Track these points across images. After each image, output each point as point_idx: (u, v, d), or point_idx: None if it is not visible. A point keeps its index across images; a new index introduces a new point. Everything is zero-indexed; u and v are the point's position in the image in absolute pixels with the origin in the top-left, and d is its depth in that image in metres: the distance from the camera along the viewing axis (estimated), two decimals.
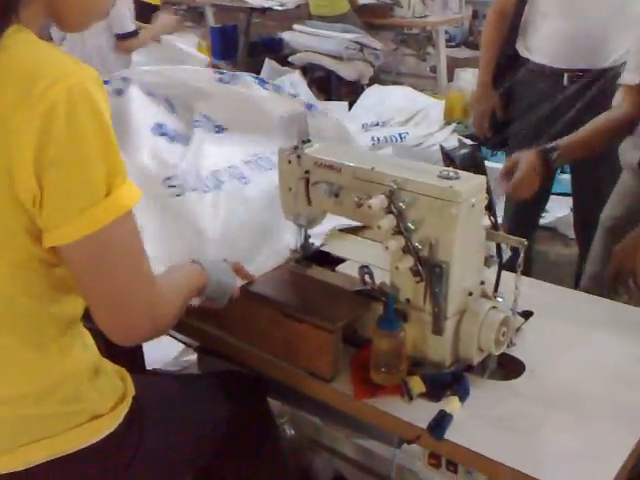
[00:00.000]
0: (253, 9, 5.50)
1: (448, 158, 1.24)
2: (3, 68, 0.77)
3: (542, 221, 2.91)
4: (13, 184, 0.79)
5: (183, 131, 1.51)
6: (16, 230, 0.82)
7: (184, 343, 1.51)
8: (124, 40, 3.01)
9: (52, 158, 0.77)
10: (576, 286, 2.06)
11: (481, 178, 1.11)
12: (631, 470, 0.98)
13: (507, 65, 2.26)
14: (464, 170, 1.13)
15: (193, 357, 1.71)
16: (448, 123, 3.85)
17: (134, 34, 3.04)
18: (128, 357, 1.09)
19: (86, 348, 0.96)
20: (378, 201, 1.07)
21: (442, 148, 1.27)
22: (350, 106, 4.03)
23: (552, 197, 2.49)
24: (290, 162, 1.25)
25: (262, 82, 1.57)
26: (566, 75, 2.09)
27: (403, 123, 3.92)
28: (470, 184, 1.07)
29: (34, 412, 0.90)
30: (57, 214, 0.79)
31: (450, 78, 5.27)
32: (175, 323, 0.96)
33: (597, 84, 2.02)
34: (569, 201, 2.76)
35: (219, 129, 1.54)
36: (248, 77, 1.57)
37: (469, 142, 1.76)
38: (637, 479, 1.04)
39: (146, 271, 0.87)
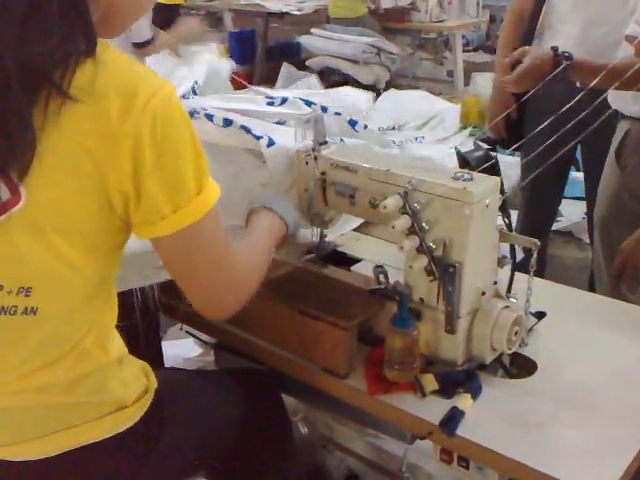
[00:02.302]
0: (271, 14, 5.54)
1: (463, 160, 1.26)
2: (107, 83, 0.81)
3: (557, 225, 2.92)
4: (106, 190, 0.84)
5: None
6: (92, 227, 0.88)
7: (201, 340, 1.53)
8: (141, 48, 3.03)
9: (152, 164, 0.83)
10: (590, 288, 2.07)
11: (495, 179, 1.12)
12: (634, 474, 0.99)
13: None
14: (479, 172, 1.15)
15: (210, 358, 1.74)
16: (464, 127, 3.85)
17: (151, 41, 3.06)
18: (148, 354, 1.12)
19: (115, 342, 0.99)
20: (393, 202, 1.09)
21: (457, 151, 1.29)
22: None
23: (568, 202, 2.50)
24: (307, 163, 1.27)
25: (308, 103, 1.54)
26: None
27: (419, 127, 3.91)
28: (484, 185, 1.09)
29: (63, 401, 0.93)
30: (154, 213, 0.86)
31: (467, 82, 5.28)
32: (259, 284, 1.03)
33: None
34: (584, 205, 2.77)
35: None
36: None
37: (485, 146, 1.78)
38: None
39: (228, 254, 0.96)
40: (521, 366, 1.17)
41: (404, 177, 1.12)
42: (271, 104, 1.55)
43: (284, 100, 1.56)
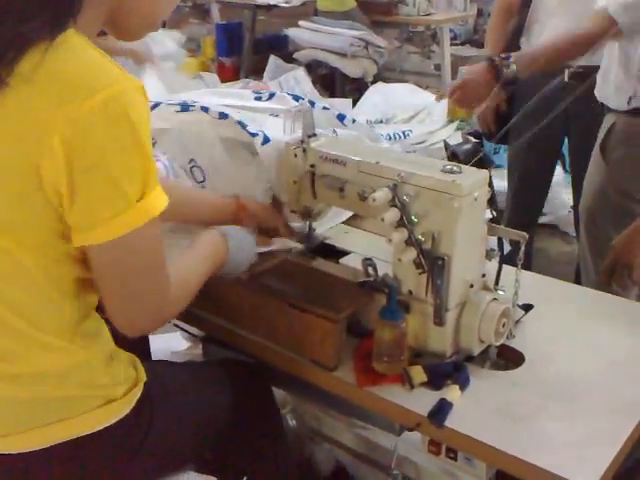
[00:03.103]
0: (258, 6, 5.52)
1: (452, 153, 1.27)
2: (51, 68, 0.78)
3: (543, 219, 2.93)
4: (41, 183, 0.81)
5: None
6: (44, 226, 0.85)
7: (189, 333, 1.53)
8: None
9: (87, 164, 0.79)
10: (576, 281, 2.08)
11: (484, 172, 1.13)
12: (621, 464, 1.00)
13: None
14: (467, 165, 1.15)
15: (198, 350, 1.74)
16: (451, 121, 3.87)
17: None
18: (136, 346, 1.11)
19: (102, 335, 0.99)
20: (382, 194, 1.09)
21: (446, 144, 1.30)
22: (354, 103, 4.05)
23: (553, 197, 2.51)
24: (296, 156, 1.27)
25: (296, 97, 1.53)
26: (567, 71, 2.12)
27: (407, 120, 3.94)
28: (473, 178, 1.10)
29: (52, 394, 0.93)
30: (89, 217, 0.82)
31: (454, 76, 5.28)
32: (185, 305, 1.00)
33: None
34: (570, 200, 2.78)
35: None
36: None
37: (472, 139, 1.79)
38: (625, 474, 1.06)
39: (162, 275, 0.91)
40: (509, 358, 1.18)
41: (393, 170, 1.12)
42: (258, 99, 1.55)
43: (272, 95, 1.55)
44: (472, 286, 1.14)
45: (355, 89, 4.78)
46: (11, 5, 0.77)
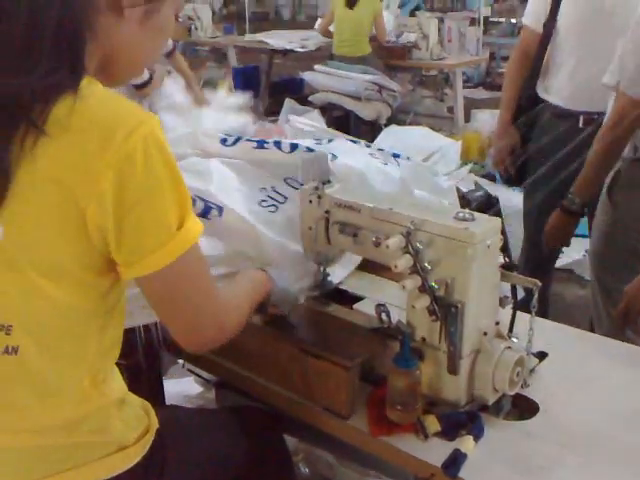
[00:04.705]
0: (275, 50, 5.64)
1: (464, 200, 1.28)
2: (84, 115, 0.81)
3: (558, 263, 2.92)
4: (86, 225, 0.84)
5: None
6: (83, 265, 0.87)
7: (203, 378, 1.53)
8: (140, 89, 3.06)
9: (132, 203, 0.83)
10: (592, 326, 2.06)
11: (496, 220, 1.13)
12: None
13: (528, 105, 2.31)
14: (480, 212, 1.16)
15: (210, 395, 1.73)
16: (465, 163, 3.90)
17: (149, 82, 3.09)
18: (150, 392, 1.12)
19: (115, 381, 0.99)
20: (396, 241, 1.10)
21: (458, 190, 1.31)
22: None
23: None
24: (311, 202, 1.29)
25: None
26: (582, 117, 2.14)
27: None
28: (485, 226, 1.10)
29: (64, 442, 0.92)
30: (136, 252, 0.86)
31: (467, 119, 5.34)
32: (242, 326, 1.04)
33: None
34: (585, 243, 2.77)
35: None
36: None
37: (486, 182, 1.81)
38: None
39: (211, 288, 0.96)
40: (523, 407, 1.17)
41: (407, 217, 1.13)
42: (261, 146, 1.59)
43: (294, 147, 1.58)
44: (486, 334, 1.14)
45: (369, 131, 4.84)
46: (38, 59, 0.80)
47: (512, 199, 2.97)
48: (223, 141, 1.60)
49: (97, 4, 0.84)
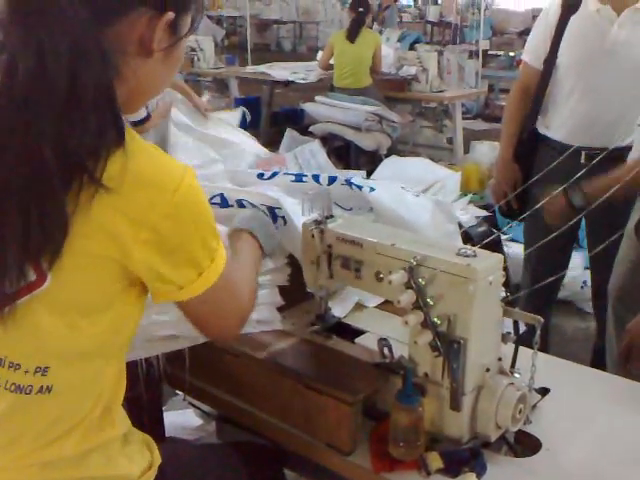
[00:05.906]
0: (276, 82, 5.70)
1: (466, 235, 1.29)
2: (136, 173, 0.84)
3: (559, 294, 2.92)
4: (128, 272, 0.88)
5: None
6: (119, 304, 0.91)
7: (203, 411, 1.52)
8: (138, 126, 3.09)
9: (173, 247, 0.88)
10: (593, 360, 2.06)
11: (498, 256, 1.14)
12: None
13: (528, 140, 2.32)
14: (482, 247, 1.17)
15: (210, 427, 1.72)
16: (464, 194, 3.91)
17: (148, 118, 3.12)
18: (151, 424, 1.11)
19: (120, 414, 0.99)
20: (398, 276, 1.10)
21: (460, 226, 1.32)
22: (368, 175, 4.11)
23: (568, 273, 2.50)
24: (313, 236, 1.29)
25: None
26: (583, 153, 2.15)
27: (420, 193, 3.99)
28: (487, 262, 1.11)
29: (72, 475, 0.92)
30: (172, 290, 0.91)
31: (466, 150, 5.39)
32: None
33: (614, 162, 2.06)
34: (585, 275, 2.78)
35: None
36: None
37: (485, 213, 1.82)
38: None
39: (242, 293, 1.03)
40: (525, 444, 1.16)
41: (409, 252, 1.14)
42: (261, 176, 1.62)
43: (274, 174, 1.62)
44: (488, 370, 1.14)
45: (369, 162, 4.87)
46: (88, 121, 0.82)
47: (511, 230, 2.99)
48: (260, 175, 1.64)
49: (128, 51, 0.87)
